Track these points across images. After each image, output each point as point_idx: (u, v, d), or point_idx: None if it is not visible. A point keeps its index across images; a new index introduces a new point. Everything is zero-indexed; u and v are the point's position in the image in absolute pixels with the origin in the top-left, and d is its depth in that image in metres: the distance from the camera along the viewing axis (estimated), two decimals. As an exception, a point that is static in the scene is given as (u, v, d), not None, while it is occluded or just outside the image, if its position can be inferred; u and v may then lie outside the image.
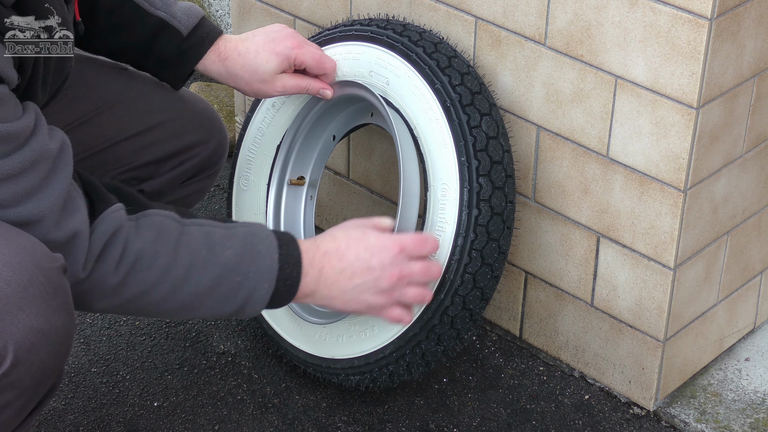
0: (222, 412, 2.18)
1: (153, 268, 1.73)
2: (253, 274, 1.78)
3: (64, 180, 1.68)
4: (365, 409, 2.19)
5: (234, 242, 1.79)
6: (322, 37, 2.19)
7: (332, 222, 2.55)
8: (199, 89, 2.93)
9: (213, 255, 1.77)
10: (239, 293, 1.79)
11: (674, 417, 2.17)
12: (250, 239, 1.80)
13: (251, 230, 1.82)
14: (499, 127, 2.06)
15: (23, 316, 1.60)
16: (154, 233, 1.74)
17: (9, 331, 1.59)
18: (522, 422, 2.17)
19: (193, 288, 1.76)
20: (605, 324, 2.18)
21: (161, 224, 1.76)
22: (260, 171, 2.26)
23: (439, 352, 2.08)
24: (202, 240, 1.77)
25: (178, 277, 1.75)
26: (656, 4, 1.89)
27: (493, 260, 2.03)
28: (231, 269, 1.77)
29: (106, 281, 1.72)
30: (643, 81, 1.95)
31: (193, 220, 1.80)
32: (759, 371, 2.24)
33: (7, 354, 1.59)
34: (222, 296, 1.78)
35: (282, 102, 2.24)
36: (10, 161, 1.62)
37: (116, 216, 1.72)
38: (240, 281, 1.78)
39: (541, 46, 2.06)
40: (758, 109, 2.04)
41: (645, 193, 2.03)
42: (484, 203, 2.01)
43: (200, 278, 1.76)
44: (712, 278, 2.15)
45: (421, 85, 2.05)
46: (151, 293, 1.75)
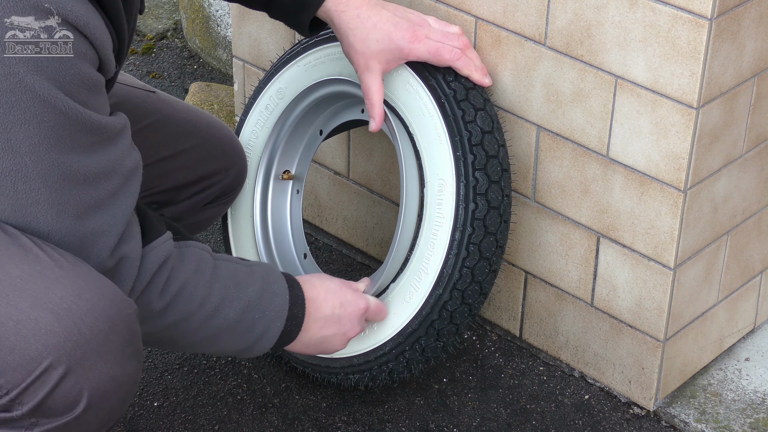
0: (222, 412, 2.18)
1: (193, 298, 1.78)
2: (270, 312, 1.86)
3: (131, 200, 1.69)
4: (365, 409, 2.19)
5: (255, 280, 1.86)
6: (315, 38, 2.19)
7: (333, 222, 2.55)
8: (199, 89, 2.93)
9: (239, 291, 1.83)
10: (256, 329, 1.86)
11: (674, 417, 2.17)
12: (267, 278, 1.88)
13: (266, 269, 1.90)
14: (494, 122, 2.06)
15: (101, 363, 1.61)
16: (195, 265, 1.79)
17: (86, 377, 1.60)
18: (522, 422, 2.17)
19: (221, 321, 1.82)
20: (605, 324, 2.18)
21: (200, 257, 1.81)
22: (251, 170, 2.27)
23: (438, 347, 2.08)
24: (231, 276, 1.83)
25: (211, 309, 1.80)
26: (656, 4, 1.89)
27: (491, 254, 2.04)
28: (253, 306, 1.84)
29: (151, 307, 1.74)
30: (643, 81, 1.95)
31: (221, 255, 1.87)
32: (759, 371, 2.24)
33: (82, 399, 1.60)
34: (242, 331, 1.85)
35: (275, 104, 2.24)
36: (92, 158, 1.62)
37: (166, 246, 1.75)
38: (258, 318, 1.85)
39: (541, 46, 2.06)
40: (758, 109, 2.04)
41: (645, 193, 2.03)
42: (481, 197, 2.02)
43: (228, 312, 1.82)
44: (712, 278, 2.15)
45: (414, 81, 2.06)
46: (187, 322, 1.79)
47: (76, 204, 1.63)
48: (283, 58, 2.24)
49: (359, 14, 1.99)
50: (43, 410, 1.60)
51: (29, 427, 1.61)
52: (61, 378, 1.58)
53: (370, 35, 1.99)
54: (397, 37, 2.00)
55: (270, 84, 2.26)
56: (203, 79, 3.10)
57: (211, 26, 3.14)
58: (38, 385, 1.58)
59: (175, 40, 3.31)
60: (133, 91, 2.09)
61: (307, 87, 2.19)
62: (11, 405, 1.59)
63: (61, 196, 1.61)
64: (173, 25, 3.34)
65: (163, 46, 3.29)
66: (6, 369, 1.57)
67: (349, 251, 2.55)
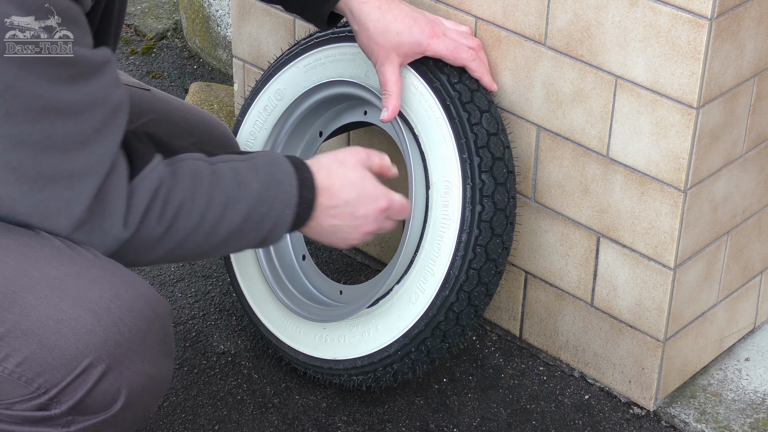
0: (222, 412, 2.18)
1: (193, 213, 1.74)
2: (278, 203, 1.80)
3: (117, 137, 1.66)
4: (365, 409, 2.19)
5: (257, 174, 1.80)
6: (314, 39, 2.19)
7: (332, 222, 2.55)
8: (199, 89, 2.93)
9: (242, 190, 1.78)
10: (265, 223, 1.80)
11: (674, 417, 2.17)
12: (270, 168, 1.81)
13: (269, 159, 1.83)
14: (499, 124, 2.06)
15: (140, 361, 1.63)
16: (190, 179, 1.74)
17: (125, 375, 1.62)
18: (522, 422, 2.17)
19: (227, 226, 1.77)
20: (605, 324, 2.18)
21: (195, 168, 1.76)
22: None
23: (444, 349, 2.08)
24: (232, 176, 1.78)
25: (215, 218, 1.76)
26: (656, 4, 1.89)
27: (497, 255, 2.04)
28: (258, 201, 1.79)
29: (151, 235, 1.72)
30: (643, 81, 1.95)
31: (218, 157, 1.81)
32: (759, 371, 2.24)
33: (120, 397, 1.62)
34: (251, 229, 1.80)
35: (274, 105, 2.24)
36: (73, 90, 1.60)
37: (157, 171, 1.71)
38: (265, 212, 1.80)
39: (541, 46, 2.06)
40: (758, 109, 2.04)
41: (645, 193, 2.03)
42: (487, 199, 2.02)
43: (233, 215, 1.77)
44: (712, 278, 2.15)
45: (419, 83, 2.06)
46: (193, 236, 1.75)
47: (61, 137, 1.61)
48: (281, 59, 2.24)
49: (380, 6, 2.01)
50: (81, 408, 1.62)
51: (65, 425, 1.63)
52: (101, 376, 1.60)
53: (391, 27, 2.01)
54: (416, 31, 2.02)
55: (268, 85, 2.26)
56: (203, 79, 3.10)
57: (211, 26, 3.15)
58: (78, 383, 1.60)
59: (175, 40, 3.31)
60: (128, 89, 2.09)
61: (308, 89, 2.19)
62: (49, 404, 1.61)
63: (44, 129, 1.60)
64: (173, 25, 3.34)
65: (163, 46, 3.29)
66: (46, 368, 1.59)
67: (349, 251, 2.55)
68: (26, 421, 1.63)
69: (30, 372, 1.60)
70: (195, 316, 2.39)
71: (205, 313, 2.40)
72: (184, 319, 2.38)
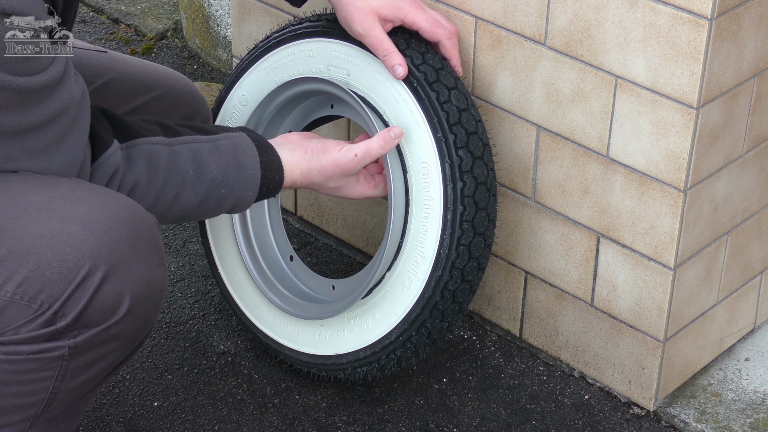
0: (222, 412, 2.18)
1: (148, 193, 1.81)
2: (238, 185, 1.88)
3: (86, 125, 1.72)
4: (365, 409, 2.19)
5: (218, 157, 1.87)
6: (273, 40, 2.18)
7: (333, 222, 2.55)
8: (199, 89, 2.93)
9: (200, 172, 1.85)
10: (226, 202, 1.89)
11: (674, 417, 2.17)
12: (233, 151, 1.88)
13: (233, 142, 1.90)
14: (468, 99, 2.06)
15: (135, 266, 1.67)
16: (144, 163, 1.80)
17: (123, 280, 1.66)
18: (522, 422, 2.17)
19: (183, 206, 1.85)
20: (605, 324, 2.18)
21: (150, 152, 1.81)
22: None
23: (444, 328, 2.08)
24: (189, 159, 1.85)
25: (169, 199, 1.83)
26: (656, 4, 1.89)
27: (485, 229, 2.04)
28: (217, 183, 1.87)
29: None
30: (643, 81, 1.95)
31: (179, 138, 1.86)
32: (759, 371, 2.24)
33: (123, 302, 1.67)
34: (210, 207, 1.88)
35: (240, 112, 2.23)
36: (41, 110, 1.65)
37: (114, 158, 1.77)
38: (225, 192, 1.88)
39: (541, 46, 2.06)
40: (758, 109, 2.04)
41: (645, 193, 2.03)
42: (467, 174, 2.02)
43: (190, 196, 1.85)
44: (712, 278, 2.15)
45: (383, 70, 2.06)
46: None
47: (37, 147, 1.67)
48: (242, 64, 2.23)
49: None
50: (85, 319, 1.65)
51: (72, 338, 1.67)
52: (100, 283, 1.64)
53: None
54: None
55: (232, 92, 2.24)
56: (203, 79, 3.10)
57: (211, 26, 3.15)
58: (79, 293, 1.64)
59: (175, 40, 3.31)
60: (84, 53, 2.10)
61: (271, 91, 2.18)
62: (54, 318, 1.65)
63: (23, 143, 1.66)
64: (173, 25, 3.34)
65: (163, 46, 3.29)
66: (46, 284, 1.63)
67: (349, 251, 2.55)
68: (34, 340, 1.66)
69: (31, 290, 1.63)
70: (195, 316, 2.39)
71: (205, 313, 2.40)
72: (184, 319, 2.38)
